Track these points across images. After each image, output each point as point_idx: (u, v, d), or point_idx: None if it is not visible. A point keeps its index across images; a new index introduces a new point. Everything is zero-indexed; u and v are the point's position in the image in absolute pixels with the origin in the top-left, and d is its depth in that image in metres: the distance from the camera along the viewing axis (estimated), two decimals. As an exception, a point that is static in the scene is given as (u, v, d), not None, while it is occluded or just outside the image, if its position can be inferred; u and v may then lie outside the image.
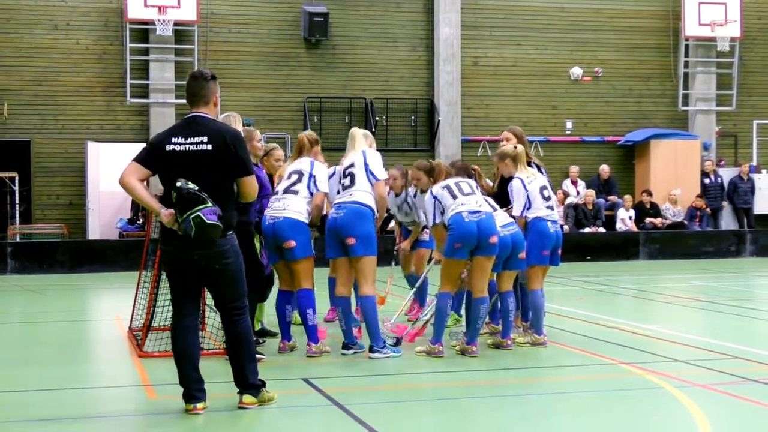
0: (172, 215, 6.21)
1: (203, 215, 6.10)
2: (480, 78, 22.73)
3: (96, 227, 20.03)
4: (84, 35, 20.75)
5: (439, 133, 22.16)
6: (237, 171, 6.37)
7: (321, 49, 21.83)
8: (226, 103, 20.53)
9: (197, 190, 6.14)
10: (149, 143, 6.56)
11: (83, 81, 20.71)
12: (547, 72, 23.03)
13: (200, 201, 6.12)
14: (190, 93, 6.53)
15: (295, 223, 8.38)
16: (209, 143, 6.32)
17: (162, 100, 20.79)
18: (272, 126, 21.21)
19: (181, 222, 6.14)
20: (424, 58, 22.47)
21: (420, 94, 22.45)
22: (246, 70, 21.47)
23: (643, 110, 23.64)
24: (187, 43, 20.97)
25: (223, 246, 6.31)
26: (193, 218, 6.10)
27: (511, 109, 22.74)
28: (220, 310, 6.56)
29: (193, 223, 6.10)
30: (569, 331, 10.06)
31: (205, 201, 6.13)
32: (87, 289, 16.23)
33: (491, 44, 22.81)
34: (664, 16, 23.66)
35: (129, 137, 20.48)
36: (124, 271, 17.14)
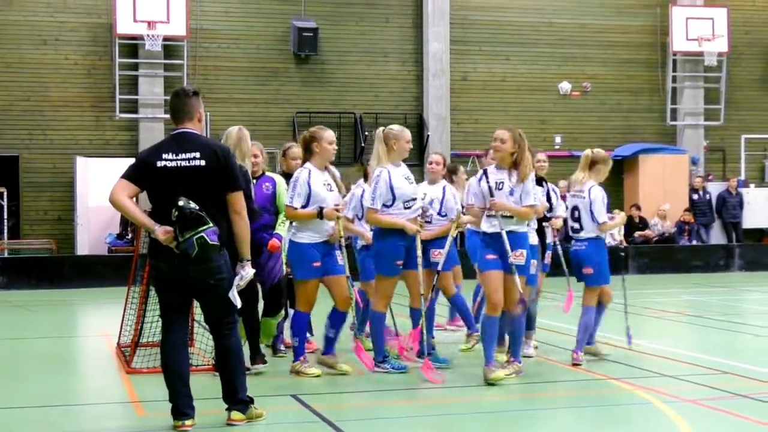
0: (170, 233, 6.19)
1: (206, 236, 6.12)
2: (469, 93, 22.80)
3: (85, 242, 19.99)
4: (73, 50, 20.75)
5: (428, 148, 22.16)
6: (227, 186, 6.38)
7: (310, 64, 21.87)
8: (215, 118, 20.58)
9: (199, 210, 6.15)
10: (137, 160, 6.55)
11: (72, 96, 20.70)
12: (536, 87, 23.11)
13: (203, 222, 6.13)
14: (174, 110, 6.55)
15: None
16: (202, 158, 6.32)
17: (151, 115, 20.78)
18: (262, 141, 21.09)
19: (182, 241, 6.14)
20: (414, 73, 22.53)
21: (409, 109, 22.49)
22: (235, 85, 21.49)
23: (631, 125, 23.73)
24: (177, 58, 20.98)
25: (218, 261, 6.31)
26: (197, 239, 6.11)
27: (500, 124, 22.66)
28: (211, 325, 6.56)
29: (196, 243, 6.11)
30: (558, 347, 10.06)
31: (207, 222, 6.15)
32: (75, 305, 16.17)
33: (480, 59, 22.88)
34: (652, 31, 23.78)
35: (118, 152, 20.46)
36: (112, 287, 17.08)
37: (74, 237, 20.18)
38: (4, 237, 20.04)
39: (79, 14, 20.77)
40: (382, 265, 8.57)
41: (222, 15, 21.58)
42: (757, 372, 8.62)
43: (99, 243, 20.04)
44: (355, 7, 22.22)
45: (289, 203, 8.38)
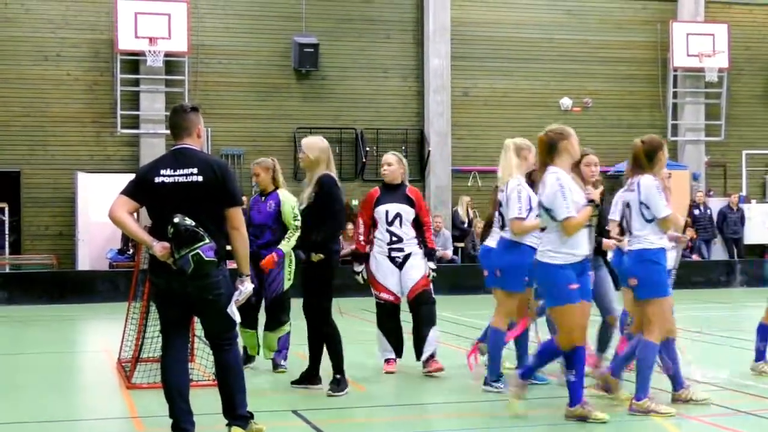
0: (167, 249, 6.19)
1: (202, 253, 6.11)
2: (470, 108, 22.83)
3: (86, 258, 19.99)
4: (74, 66, 20.80)
5: (429, 164, 22.21)
6: (225, 202, 6.37)
7: (311, 80, 21.92)
8: (216, 134, 20.62)
9: (195, 227, 6.14)
10: (136, 175, 6.54)
11: (73, 112, 20.73)
12: (537, 103, 23.14)
13: (198, 238, 6.12)
14: (173, 126, 6.56)
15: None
16: (199, 174, 6.32)
17: (152, 131, 20.81)
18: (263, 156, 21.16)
19: (178, 258, 6.13)
20: (414, 89, 22.56)
21: (410, 125, 22.52)
22: (236, 101, 21.52)
23: (632, 140, 23.66)
24: (178, 74, 21.02)
25: (216, 277, 6.30)
26: (192, 256, 6.09)
27: (501, 140, 22.26)
28: (210, 340, 6.55)
29: (192, 260, 6.10)
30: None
31: (203, 238, 6.13)
32: (76, 320, 16.15)
33: (481, 75, 22.92)
34: (652, 47, 23.84)
35: (119, 168, 20.47)
36: (113, 302, 17.06)
37: (75, 252, 20.18)
38: (6, 252, 20.04)
39: (81, 30, 20.84)
40: (512, 280, 8.17)
41: (223, 31, 21.64)
42: (759, 388, 8.60)
43: (100, 258, 20.04)
44: (356, 23, 22.27)
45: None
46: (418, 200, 9.33)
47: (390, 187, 9.31)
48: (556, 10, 23.40)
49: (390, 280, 9.27)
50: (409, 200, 9.26)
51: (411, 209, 9.25)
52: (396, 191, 9.28)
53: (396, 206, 9.23)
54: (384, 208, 9.24)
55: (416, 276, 9.28)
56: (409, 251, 9.28)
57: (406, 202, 9.25)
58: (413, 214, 9.26)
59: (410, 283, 9.27)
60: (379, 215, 9.26)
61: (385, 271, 9.27)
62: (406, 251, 9.28)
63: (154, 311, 7.92)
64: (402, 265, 9.28)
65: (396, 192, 9.29)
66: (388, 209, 9.23)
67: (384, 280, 9.29)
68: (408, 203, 9.24)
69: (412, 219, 9.27)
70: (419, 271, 9.30)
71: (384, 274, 9.29)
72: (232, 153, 21.05)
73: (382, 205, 9.25)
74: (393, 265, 9.27)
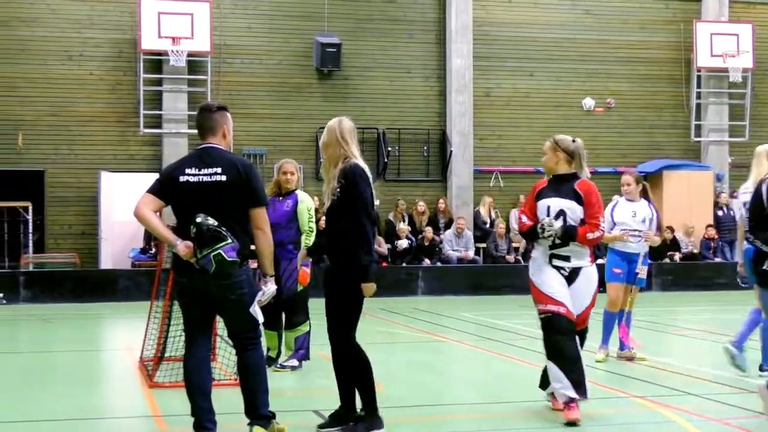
0: (190, 249, 6.21)
1: (224, 253, 6.12)
2: (492, 109, 22.77)
3: (108, 256, 20.06)
4: (97, 66, 20.89)
5: (451, 164, 22.16)
6: (249, 202, 6.38)
7: (333, 80, 21.92)
8: (238, 133, 20.56)
9: (217, 227, 6.15)
10: (162, 174, 6.57)
11: (97, 111, 20.82)
12: (560, 103, 23.05)
13: (221, 238, 6.13)
14: (199, 125, 6.59)
15: None
16: (223, 174, 6.33)
17: (175, 130, 20.87)
18: (283, 156, 21.18)
19: (200, 258, 6.15)
20: (436, 89, 22.52)
21: (432, 125, 22.48)
22: (258, 100, 21.55)
23: (655, 141, 23.63)
24: (200, 73, 21.06)
25: (239, 277, 6.31)
26: (214, 256, 6.11)
27: (523, 140, 22.74)
28: (234, 340, 6.55)
29: (213, 260, 6.11)
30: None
31: (225, 238, 6.14)
32: (98, 319, 16.22)
33: (503, 75, 22.86)
34: (676, 47, 23.70)
35: (142, 167, 20.53)
36: (135, 301, 17.14)
37: (98, 251, 20.26)
38: (29, 251, 20.14)
39: (105, 30, 20.92)
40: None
41: (245, 31, 21.67)
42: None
43: (122, 257, 20.10)
44: (378, 23, 22.26)
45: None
46: (588, 196, 7.47)
47: (559, 180, 7.56)
48: (579, 10, 23.30)
49: (559, 290, 7.37)
50: (578, 196, 7.47)
51: (579, 207, 7.45)
52: (564, 184, 7.52)
53: (560, 202, 7.47)
54: (545, 203, 7.51)
55: (582, 306, 7.44)
56: (577, 264, 7.45)
57: (574, 198, 7.47)
58: (581, 212, 7.45)
59: (575, 311, 7.40)
60: (540, 211, 7.53)
61: (550, 277, 7.42)
62: (573, 263, 7.45)
63: (176, 310, 7.95)
64: (570, 281, 7.43)
65: (564, 184, 7.52)
66: (550, 204, 7.49)
67: (549, 287, 7.39)
68: (576, 199, 7.46)
69: (579, 219, 7.45)
70: (587, 300, 7.46)
71: (548, 280, 7.43)
72: (253, 153, 21.06)
73: (545, 198, 7.53)
74: (559, 275, 7.43)
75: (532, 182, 24.75)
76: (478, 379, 9.72)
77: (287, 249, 9.42)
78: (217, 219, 6.19)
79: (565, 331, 7.23)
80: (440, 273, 20.30)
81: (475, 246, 21.07)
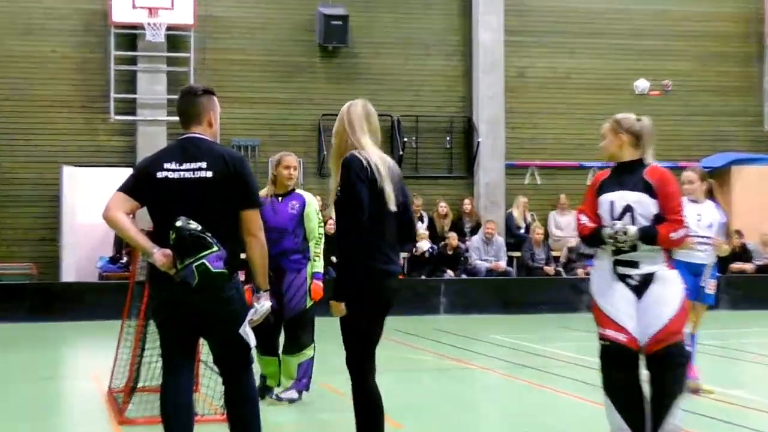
0: (169, 258, 6.17)
1: (208, 263, 6.08)
2: (527, 92, 22.72)
3: (71, 267, 20.05)
4: (61, 41, 20.90)
5: (478, 157, 22.13)
6: (240, 202, 6.34)
7: (339, 58, 21.90)
8: (226, 122, 20.54)
9: (200, 232, 6.11)
10: (136, 169, 6.54)
11: (59, 95, 20.83)
12: (607, 85, 22.99)
13: (205, 245, 6.10)
14: (181, 112, 6.57)
15: None
16: (209, 169, 6.29)
17: (151, 117, 20.88)
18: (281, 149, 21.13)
19: (181, 269, 6.11)
20: (461, 69, 22.49)
21: (455, 111, 22.45)
22: (250, 82, 21.54)
23: (721, 131, 23.53)
24: (182, 50, 21.07)
25: (228, 291, 6.27)
26: (197, 266, 6.07)
27: (563, 129, 22.69)
28: (221, 367, 6.51)
29: (196, 272, 6.08)
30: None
31: (210, 245, 6.10)
32: (59, 341, 16.19)
33: (540, 53, 22.81)
34: (745, 20, 23.63)
35: (112, 161, 20.56)
36: (103, 320, 17.07)
37: (59, 260, 20.25)
38: (-22, 260, 20.18)
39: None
40: None
41: (235, 0, 21.67)
42: None
43: (88, 267, 20.11)
44: (392, -10, 22.28)
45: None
46: (662, 185, 7.01)
47: (624, 168, 7.16)
48: (631, -24, 23.29)
49: (622, 310, 6.98)
50: (648, 187, 7.02)
51: (651, 200, 7.00)
52: (630, 172, 7.11)
53: (626, 195, 7.07)
54: (608, 198, 7.10)
55: (663, 315, 6.89)
56: (649, 270, 6.99)
57: (644, 189, 7.03)
58: (654, 207, 6.98)
59: (652, 326, 6.88)
60: (602, 209, 7.12)
61: (614, 293, 7.03)
62: (643, 270, 7.00)
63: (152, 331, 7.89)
64: (640, 293, 6.97)
65: (630, 174, 7.11)
66: (614, 200, 7.08)
67: (611, 306, 7.02)
68: (646, 191, 7.02)
69: (652, 215, 6.98)
70: (669, 306, 6.93)
71: (611, 297, 7.04)
72: (245, 144, 21.07)
73: (607, 193, 7.13)
74: (626, 288, 7.02)
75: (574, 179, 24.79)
76: (512, 413, 9.66)
77: (293, 259, 9.38)
78: (201, 222, 6.15)
79: (622, 365, 6.89)
80: (466, 287, 20.26)
81: (507, 255, 21.02)
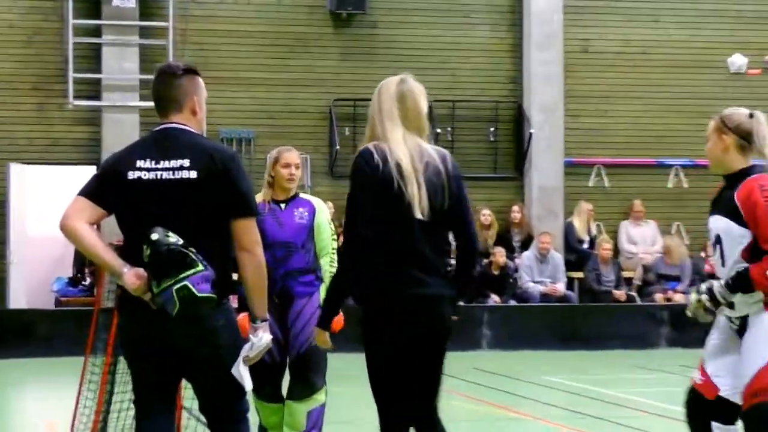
0: (143, 280, 6.19)
1: (192, 285, 6.09)
2: (592, 71, 22.71)
3: (20, 289, 20.11)
4: (5, 6, 20.96)
5: (530, 153, 22.11)
6: (232, 209, 6.37)
7: (355, 29, 21.93)
8: (214, 106, 20.54)
9: (182, 246, 6.13)
10: (102, 169, 6.58)
11: (4, 74, 20.90)
12: (694, 62, 22.96)
13: (187, 263, 6.10)
14: (157, 97, 6.57)
15: None
16: (192, 168, 6.32)
17: (121, 102, 20.93)
18: (283, 141, 21.14)
19: (158, 293, 6.13)
20: (509, 42, 22.50)
21: (502, 96, 22.47)
22: (244, 59, 21.58)
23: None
24: (158, 18, 21.14)
25: (217, 321, 6.30)
26: (177, 290, 6.07)
27: (638, 118, 22.66)
28: (208, 416, 6.56)
29: (176, 296, 6.08)
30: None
31: (194, 263, 6.11)
32: (5, 383, 16.27)
33: (608, 22, 22.80)
34: None
35: (72, 157, 20.61)
36: (61, 357, 17.16)
37: (6, 282, 20.30)
38: None
39: (17, -46, 21.10)
40: None
41: (226, -45, 21.78)
42: None
43: (42, 291, 20.18)
44: (422, -57, 22.35)
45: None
46: (749, 205, 6.89)
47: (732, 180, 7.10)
48: (724, -76, 23.30)
49: (710, 350, 7.20)
50: (734, 209, 6.95)
51: (738, 228, 6.95)
52: (732, 188, 7.04)
53: (717, 221, 7.13)
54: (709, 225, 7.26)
55: (753, 365, 6.91)
56: (743, 312, 7.00)
57: (731, 213, 6.98)
58: (743, 237, 6.94)
59: (743, 377, 6.95)
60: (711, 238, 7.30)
61: (713, 331, 7.24)
62: (739, 311, 7.02)
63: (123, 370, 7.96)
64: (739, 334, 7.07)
65: (731, 190, 7.04)
66: (710, 228, 7.22)
67: (706, 344, 7.26)
68: (733, 214, 6.96)
69: (742, 246, 6.95)
70: (759, 355, 6.92)
71: (710, 336, 7.26)
72: (237, 136, 21.12)
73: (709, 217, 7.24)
74: (730, 329, 7.13)
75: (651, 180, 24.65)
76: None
77: (304, 281, 9.35)
78: (182, 235, 6.18)
79: (691, 412, 7.15)
80: (514, 316, 20.28)
81: (566, 276, 21.01)
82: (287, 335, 9.26)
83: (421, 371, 6.55)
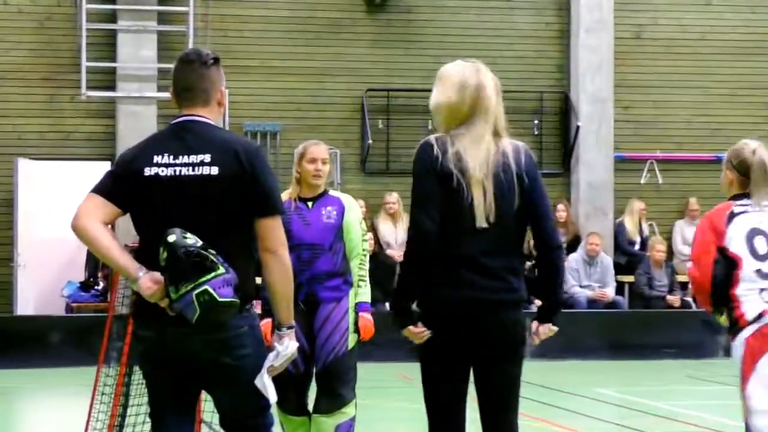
0: (160, 285, 6.20)
1: (213, 289, 6.08)
2: (645, 59, 22.67)
3: (29, 295, 20.18)
4: (17, -8, 21.13)
5: (578, 147, 22.09)
6: (255, 208, 6.38)
7: (389, 13, 21.94)
8: (237, 97, 20.70)
9: (201, 248, 6.12)
10: (117, 164, 6.59)
11: (13, 63, 20.99)
12: (756, 49, 22.87)
13: (207, 266, 6.09)
14: (181, 86, 6.56)
15: None
16: (214, 164, 6.33)
17: (137, 93, 21.00)
18: (312, 135, 21.22)
19: (175, 299, 6.13)
20: (556, 29, 22.49)
21: (548, 85, 22.47)
22: (269, 46, 21.62)
23: None
24: (178, 3, 21.18)
25: (239, 328, 6.30)
26: (198, 295, 6.07)
27: (694, 110, 22.60)
28: (230, 430, 6.57)
29: (196, 302, 6.07)
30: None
31: (215, 266, 6.11)
32: (15, 394, 16.36)
33: (663, 5, 22.75)
34: None
35: (85, 152, 20.69)
36: (72, 366, 17.22)
37: (13, 287, 20.38)
38: None
39: (27, -65, 21.19)
40: None
41: (250, -64, 21.83)
42: None
43: (51, 296, 20.24)
44: None
45: None
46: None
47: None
48: None
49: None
50: None
51: None
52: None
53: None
54: (745, 228, 7.15)
55: None
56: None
57: None
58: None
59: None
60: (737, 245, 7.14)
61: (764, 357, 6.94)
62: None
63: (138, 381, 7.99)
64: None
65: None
66: (754, 229, 7.17)
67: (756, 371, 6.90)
68: None
69: None
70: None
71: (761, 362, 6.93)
72: (262, 130, 21.16)
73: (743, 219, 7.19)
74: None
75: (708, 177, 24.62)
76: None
77: (331, 285, 9.33)
78: (202, 236, 6.20)
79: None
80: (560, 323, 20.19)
81: (616, 280, 20.97)
82: (313, 344, 9.24)
83: (486, 382, 6.64)
